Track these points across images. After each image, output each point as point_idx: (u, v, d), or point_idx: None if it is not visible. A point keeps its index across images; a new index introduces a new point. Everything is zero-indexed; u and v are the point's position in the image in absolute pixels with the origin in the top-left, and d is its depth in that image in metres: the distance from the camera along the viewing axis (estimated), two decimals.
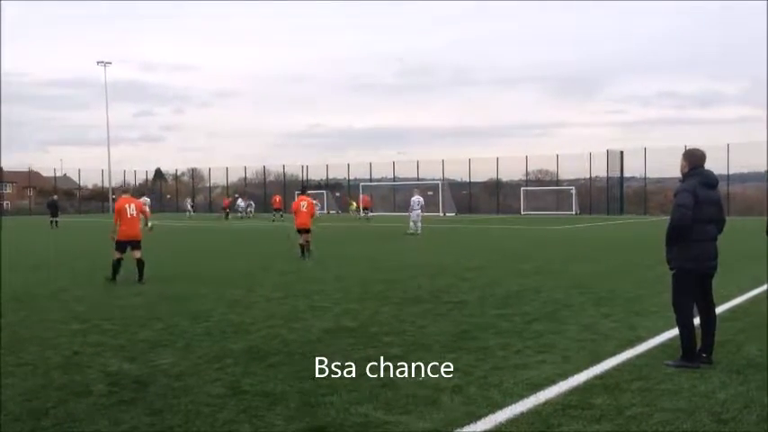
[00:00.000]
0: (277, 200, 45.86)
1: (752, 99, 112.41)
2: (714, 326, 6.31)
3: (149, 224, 14.51)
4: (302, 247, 17.16)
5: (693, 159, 6.26)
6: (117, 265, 12.59)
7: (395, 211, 51.49)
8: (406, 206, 30.57)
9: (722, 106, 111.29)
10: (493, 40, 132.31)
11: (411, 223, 27.05)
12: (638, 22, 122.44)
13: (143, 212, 13.32)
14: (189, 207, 53.46)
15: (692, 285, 6.19)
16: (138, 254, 12.60)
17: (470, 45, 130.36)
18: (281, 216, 42.69)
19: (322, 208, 58.92)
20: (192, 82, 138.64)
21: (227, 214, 48.20)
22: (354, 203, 50.76)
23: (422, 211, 27.63)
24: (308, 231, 17.33)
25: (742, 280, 11.49)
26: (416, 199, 27.64)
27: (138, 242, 12.74)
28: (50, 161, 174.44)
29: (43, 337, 7.65)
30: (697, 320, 6.31)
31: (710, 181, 6.22)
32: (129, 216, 12.63)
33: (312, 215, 17.72)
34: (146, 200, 36.85)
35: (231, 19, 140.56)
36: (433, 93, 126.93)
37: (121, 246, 12.62)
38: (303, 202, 17.67)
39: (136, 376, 5.95)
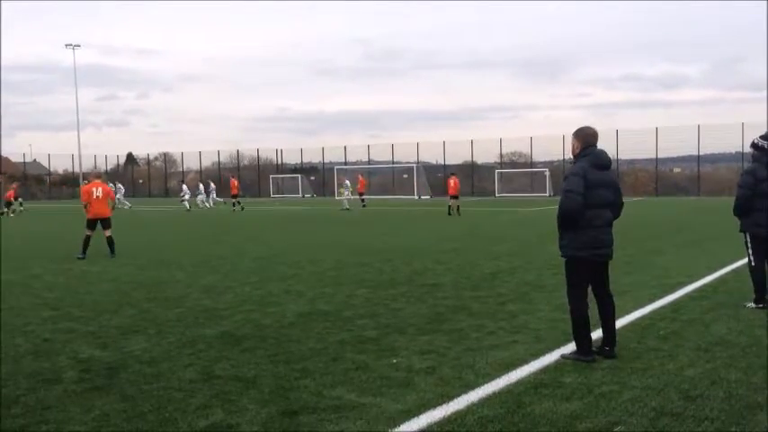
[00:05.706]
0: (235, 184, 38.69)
1: (714, 82, 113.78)
2: (614, 316, 5.88)
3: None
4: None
5: (586, 138, 5.72)
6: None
7: (370, 194, 51.35)
8: (382, 189, 38.16)
9: (686, 89, 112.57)
10: (461, 25, 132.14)
11: (344, 201, 34.64)
12: (601, 7, 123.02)
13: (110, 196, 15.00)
14: (201, 192, 52.25)
15: (586, 275, 5.77)
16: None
17: (438, 30, 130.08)
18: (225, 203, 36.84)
19: (297, 192, 58.86)
20: (156, 66, 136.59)
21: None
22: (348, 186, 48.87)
23: (349, 194, 35.96)
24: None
25: (711, 259, 11.68)
26: (347, 183, 36.72)
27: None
28: (17, 146, 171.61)
29: (13, 324, 7.54)
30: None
31: (603, 161, 5.71)
32: (95, 197, 14.40)
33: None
34: (120, 187, 36.98)
35: (194, 3, 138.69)
36: (402, 77, 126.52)
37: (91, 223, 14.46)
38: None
39: (107, 363, 5.89)
